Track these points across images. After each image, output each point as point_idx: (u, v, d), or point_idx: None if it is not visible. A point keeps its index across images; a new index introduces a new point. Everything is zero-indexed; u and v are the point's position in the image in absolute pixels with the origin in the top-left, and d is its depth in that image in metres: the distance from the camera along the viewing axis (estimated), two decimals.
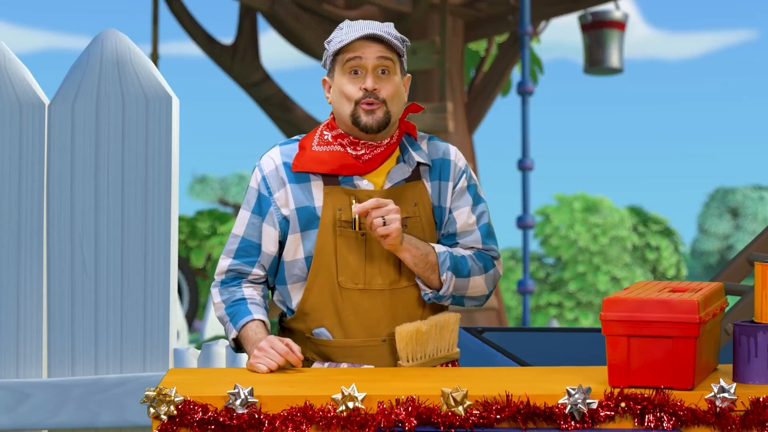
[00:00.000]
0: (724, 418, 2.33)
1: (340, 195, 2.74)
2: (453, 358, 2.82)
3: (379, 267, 2.74)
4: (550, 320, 18.30)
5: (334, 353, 2.77)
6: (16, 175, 3.31)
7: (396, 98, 2.74)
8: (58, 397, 3.24)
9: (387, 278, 2.74)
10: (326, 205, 2.74)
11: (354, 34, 2.69)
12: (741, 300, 3.56)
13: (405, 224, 2.75)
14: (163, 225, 3.27)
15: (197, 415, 2.34)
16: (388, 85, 2.73)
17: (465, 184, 2.85)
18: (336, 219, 2.73)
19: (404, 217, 2.75)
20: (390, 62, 2.73)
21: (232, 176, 38.38)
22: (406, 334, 2.71)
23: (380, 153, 2.76)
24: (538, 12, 11.05)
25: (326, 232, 2.73)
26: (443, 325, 2.77)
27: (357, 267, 2.73)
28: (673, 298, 2.39)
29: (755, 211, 39.75)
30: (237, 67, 10.99)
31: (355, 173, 2.74)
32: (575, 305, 28.24)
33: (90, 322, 3.28)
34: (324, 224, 2.73)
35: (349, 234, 2.73)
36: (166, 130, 3.28)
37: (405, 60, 2.81)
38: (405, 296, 2.77)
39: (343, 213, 2.73)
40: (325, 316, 2.76)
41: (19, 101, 3.31)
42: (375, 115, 2.71)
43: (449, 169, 2.83)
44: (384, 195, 2.74)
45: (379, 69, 2.72)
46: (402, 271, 2.75)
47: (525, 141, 9.47)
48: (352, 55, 2.71)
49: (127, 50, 3.29)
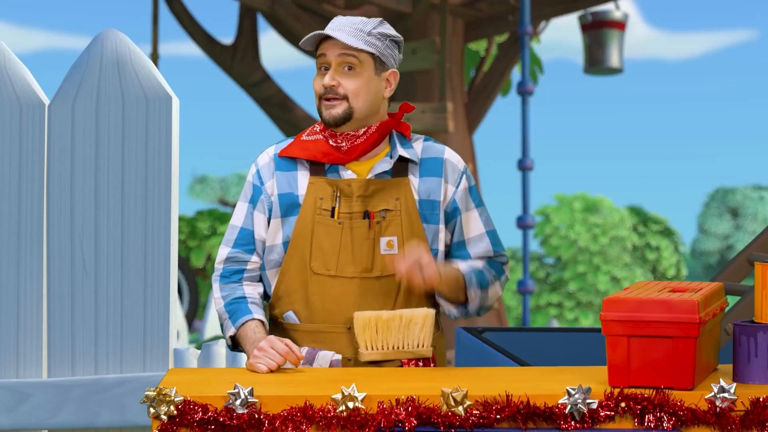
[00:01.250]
0: (724, 418, 2.33)
1: (323, 185, 2.81)
2: (423, 356, 2.79)
3: (353, 255, 2.79)
4: (550, 320, 18.30)
5: (300, 337, 2.82)
6: (16, 175, 3.31)
7: (361, 94, 2.79)
8: (58, 397, 3.24)
9: (359, 266, 2.79)
10: (309, 193, 2.81)
11: (314, 34, 2.79)
12: (741, 300, 3.56)
13: (383, 216, 2.80)
14: (163, 225, 3.27)
15: (197, 415, 2.34)
16: (349, 81, 2.78)
17: (467, 185, 2.90)
18: (316, 207, 2.80)
19: (383, 209, 2.81)
20: (354, 59, 2.78)
21: (232, 176, 38.38)
22: (363, 319, 2.72)
23: (359, 144, 2.82)
24: (538, 12, 11.05)
25: (305, 219, 2.80)
26: (410, 319, 2.75)
27: (330, 253, 2.79)
28: (673, 298, 2.39)
29: (755, 211, 39.74)
30: (237, 67, 10.99)
31: (334, 161, 2.81)
32: (575, 305, 28.24)
33: (90, 322, 3.28)
34: (304, 211, 2.80)
35: (328, 222, 2.79)
36: (166, 130, 3.28)
37: (391, 56, 2.84)
38: (376, 286, 2.80)
39: (324, 202, 2.80)
40: (295, 300, 2.82)
41: (19, 101, 3.31)
42: (334, 111, 2.79)
43: (442, 167, 2.87)
44: (368, 184, 2.79)
45: (344, 65, 2.79)
46: (375, 261, 2.79)
47: (525, 141, 9.47)
48: (320, 52, 2.82)
49: (127, 50, 3.29)
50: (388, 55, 2.82)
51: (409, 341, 2.76)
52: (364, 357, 2.74)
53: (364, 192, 2.79)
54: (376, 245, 2.79)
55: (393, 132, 2.89)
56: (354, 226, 2.79)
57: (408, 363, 2.79)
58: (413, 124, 9.67)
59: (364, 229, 2.79)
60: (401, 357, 2.77)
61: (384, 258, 2.80)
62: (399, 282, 2.81)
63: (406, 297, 2.83)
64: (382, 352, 2.75)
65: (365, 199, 2.79)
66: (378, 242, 2.79)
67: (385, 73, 2.83)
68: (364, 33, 2.79)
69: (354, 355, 2.79)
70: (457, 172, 2.89)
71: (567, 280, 28.39)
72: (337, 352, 2.80)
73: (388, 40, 2.82)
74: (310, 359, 2.81)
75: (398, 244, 2.80)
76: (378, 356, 2.74)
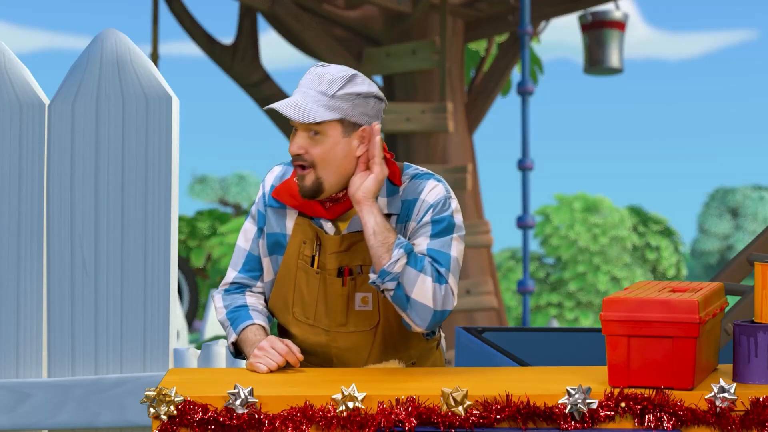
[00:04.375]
0: (724, 418, 2.33)
1: (307, 229, 2.76)
2: None
3: (326, 309, 2.76)
4: (550, 320, 18.31)
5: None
6: (16, 175, 3.31)
7: (328, 159, 2.64)
8: (58, 397, 3.24)
9: (333, 321, 2.76)
10: (294, 234, 2.77)
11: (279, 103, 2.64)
12: (741, 300, 3.56)
13: (360, 272, 2.73)
14: (163, 225, 3.27)
15: (197, 415, 2.34)
16: (315, 148, 2.65)
17: (428, 219, 2.69)
18: (300, 252, 2.76)
19: (359, 264, 2.73)
20: (317, 126, 2.63)
21: (232, 176, 38.38)
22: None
23: (340, 205, 2.73)
24: (538, 12, 11.05)
25: (289, 262, 2.78)
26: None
27: (309, 302, 2.77)
28: (673, 298, 2.39)
29: (755, 211, 39.74)
30: (237, 67, 10.99)
31: (317, 216, 2.74)
32: (575, 305, 28.25)
33: (90, 322, 3.28)
34: (289, 254, 2.78)
35: (308, 269, 2.75)
36: (166, 130, 3.28)
37: (363, 113, 2.67)
38: (352, 339, 2.78)
39: (306, 247, 2.75)
40: (283, 331, 2.88)
41: (19, 101, 3.31)
42: (304, 182, 2.66)
43: (414, 209, 2.71)
44: (342, 240, 2.72)
45: (310, 131, 2.65)
46: (349, 316, 2.76)
47: (525, 141, 9.47)
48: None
49: (127, 50, 3.29)
50: (357, 114, 2.65)
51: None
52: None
53: (338, 248, 2.72)
54: (351, 301, 2.74)
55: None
56: (329, 282, 2.74)
57: None
58: (413, 125, 9.67)
59: (338, 285, 2.73)
60: None
61: (358, 314, 2.75)
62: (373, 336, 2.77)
63: (381, 350, 2.80)
64: None
65: (340, 255, 2.72)
66: (353, 298, 2.74)
67: (356, 133, 2.66)
68: (328, 97, 2.62)
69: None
70: (425, 208, 2.70)
71: (567, 280, 28.39)
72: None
73: (357, 98, 2.64)
74: None
75: (372, 300, 2.74)
76: None
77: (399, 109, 9.71)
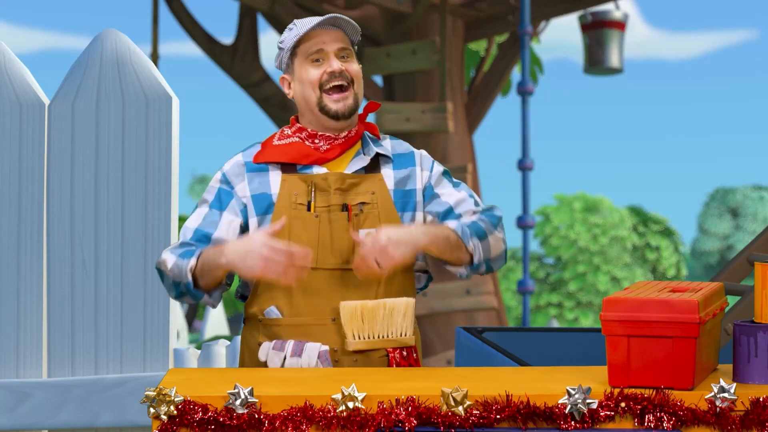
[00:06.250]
0: (724, 418, 2.33)
1: (297, 182, 2.80)
2: (406, 344, 2.80)
3: (332, 247, 2.78)
4: (550, 320, 18.31)
5: (284, 332, 2.81)
6: (16, 175, 3.31)
7: (359, 79, 2.83)
8: (58, 397, 3.24)
9: (340, 258, 2.78)
10: (282, 190, 2.79)
11: (314, 22, 2.77)
12: (741, 300, 3.56)
13: (361, 209, 2.80)
14: (163, 225, 3.27)
15: (197, 415, 2.34)
16: (351, 66, 2.81)
17: (440, 170, 2.93)
18: (291, 202, 2.79)
19: (360, 203, 2.81)
20: (349, 51, 2.83)
21: None
22: (350, 308, 2.74)
23: (339, 144, 2.84)
24: (538, 12, 11.05)
25: (280, 215, 2.78)
26: (393, 307, 2.77)
27: (309, 246, 2.78)
28: (673, 298, 2.39)
29: (755, 211, 39.75)
30: (237, 67, 10.99)
31: (314, 162, 2.81)
32: (575, 305, 28.25)
33: (90, 322, 3.28)
34: (279, 207, 2.79)
35: (304, 215, 2.78)
36: (166, 130, 3.28)
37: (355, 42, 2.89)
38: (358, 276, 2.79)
39: (299, 197, 2.79)
40: (276, 295, 2.81)
41: (19, 101, 3.31)
42: (347, 102, 2.81)
43: (414, 158, 2.91)
44: (342, 177, 2.79)
45: (341, 55, 2.81)
46: (356, 252, 2.77)
47: (525, 141, 9.47)
48: (314, 47, 2.80)
49: (127, 50, 3.29)
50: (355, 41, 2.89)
51: (393, 330, 2.78)
52: (352, 346, 2.75)
53: (341, 185, 2.80)
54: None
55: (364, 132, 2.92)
56: (333, 219, 2.79)
57: (393, 352, 2.79)
58: (413, 125, 9.67)
59: (343, 221, 2.79)
60: (386, 346, 2.78)
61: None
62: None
63: (387, 286, 2.82)
64: (368, 341, 2.76)
65: (343, 192, 2.80)
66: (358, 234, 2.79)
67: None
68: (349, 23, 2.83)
69: (340, 345, 2.79)
70: (429, 161, 2.93)
71: (567, 280, 28.39)
72: (322, 343, 2.79)
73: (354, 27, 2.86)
74: (298, 352, 2.80)
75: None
76: (365, 345, 2.76)
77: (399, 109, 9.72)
